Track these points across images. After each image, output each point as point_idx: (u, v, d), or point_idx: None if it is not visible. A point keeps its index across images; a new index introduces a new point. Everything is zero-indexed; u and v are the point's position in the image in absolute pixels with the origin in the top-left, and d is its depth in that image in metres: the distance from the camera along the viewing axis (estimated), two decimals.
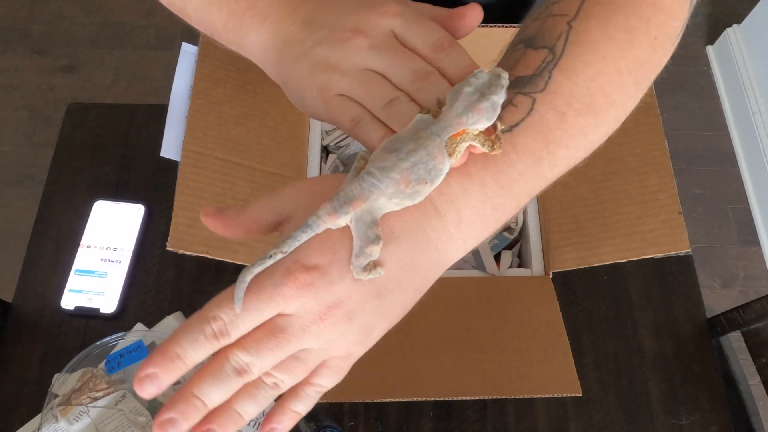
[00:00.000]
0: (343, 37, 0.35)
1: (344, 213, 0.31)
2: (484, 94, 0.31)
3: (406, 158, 0.31)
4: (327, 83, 0.35)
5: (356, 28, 0.35)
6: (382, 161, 0.31)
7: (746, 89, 1.77)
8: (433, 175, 0.31)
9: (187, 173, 0.61)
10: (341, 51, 0.34)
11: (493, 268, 0.66)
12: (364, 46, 0.34)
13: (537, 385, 0.57)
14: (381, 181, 0.31)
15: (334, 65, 0.35)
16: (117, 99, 1.78)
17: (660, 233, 0.61)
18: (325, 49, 0.35)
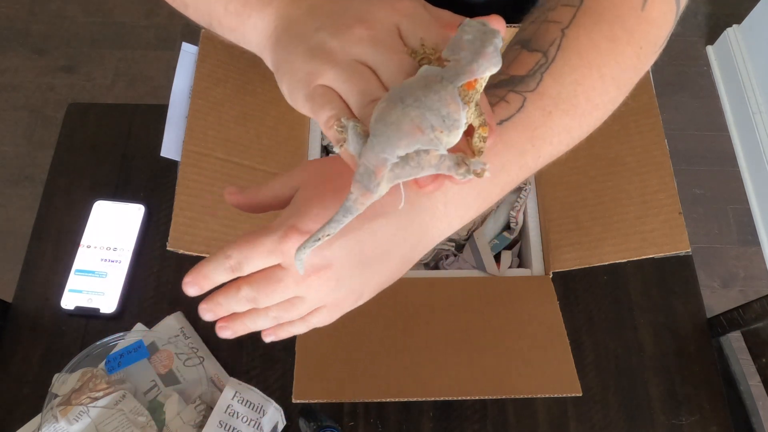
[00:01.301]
0: (346, 24, 0.34)
1: (375, 186, 0.30)
2: (484, 40, 0.30)
3: (413, 105, 0.29)
4: (315, 69, 0.34)
5: (361, 18, 0.34)
6: (388, 115, 0.29)
7: (746, 89, 1.77)
8: (449, 123, 0.29)
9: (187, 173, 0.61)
10: (339, 38, 0.33)
11: (493, 268, 0.66)
12: (364, 37, 0.33)
13: (537, 385, 0.57)
14: (390, 137, 0.29)
15: (329, 52, 0.33)
16: (117, 99, 1.78)
17: (660, 233, 0.61)
18: (324, 34, 0.34)
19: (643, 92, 0.67)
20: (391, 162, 0.29)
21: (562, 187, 0.67)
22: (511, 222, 0.70)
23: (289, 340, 0.71)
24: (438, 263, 0.70)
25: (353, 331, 0.60)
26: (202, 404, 0.65)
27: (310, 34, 0.34)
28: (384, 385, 0.56)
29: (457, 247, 0.70)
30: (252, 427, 0.64)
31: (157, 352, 0.69)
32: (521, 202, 0.69)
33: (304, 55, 0.34)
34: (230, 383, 0.66)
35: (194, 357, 0.69)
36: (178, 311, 0.72)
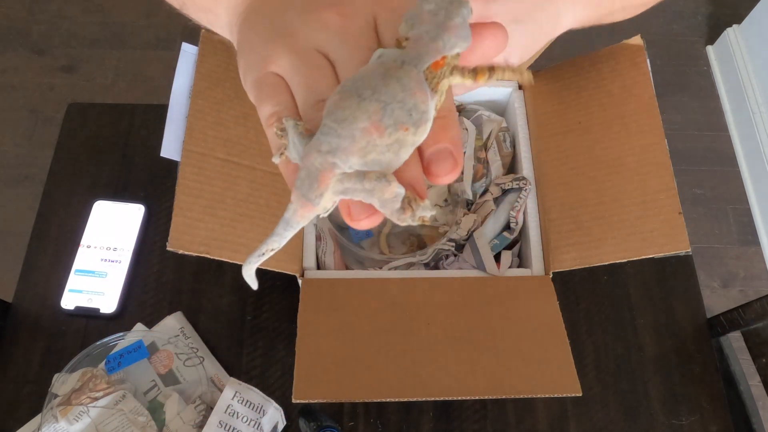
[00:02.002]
0: (317, 7, 0.29)
1: (318, 197, 0.25)
2: (449, 11, 0.25)
3: (372, 98, 0.24)
4: (271, 53, 0.30)
5: (337, 2, 0.29)
6: (341, 109, 0.24)
7: (746, 89, 1.77)
8: (416, 117, 0.24)
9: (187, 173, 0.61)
10: (305, 21, 0.29)
11: (493, 268, 0.66)
12: (333, 24, 0.29)
13: (537, 385, 0.57)
14: (342, 137, 0.24)
15: (290, 35, 0.29)
16: (117, 99, 1.78)
17: (660, 233, 0.61)
18: (292, 14, 0.30)
19: (643, 92, 0.67)
20: (341, 170, 0.24)
21: (562, 187, 0.67)
22: (511, 222, 0.70)
23: (289, 340, 0.71)
24: (438, 263, 0.70)
25: (353, 331, 0.60)
26: (202, 404, 0.65)
27: (278, 14, 0.31)
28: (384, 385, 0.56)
29: (457, 247, 0.70)
30: (252, 427, 0.64)
31: (157, 352, 0.69)
32: (521, 202, 0.69)
33: (265, 35, 0.31)
34: (230, 383, 0.66)
35: (194, 357, 0.69)
36: (178, 311, 0.72)
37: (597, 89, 0.70)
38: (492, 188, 0.72)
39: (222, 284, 0.74)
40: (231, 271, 0.75)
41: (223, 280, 0.74)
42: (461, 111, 0.80)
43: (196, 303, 0.73)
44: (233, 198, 0.62)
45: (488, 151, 0.75)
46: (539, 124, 0.72)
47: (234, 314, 0.72)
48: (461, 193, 0.73)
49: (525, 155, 0.73)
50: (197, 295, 0.73)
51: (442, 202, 0.75)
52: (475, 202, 0.73)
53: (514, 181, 0.70)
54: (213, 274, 0.75)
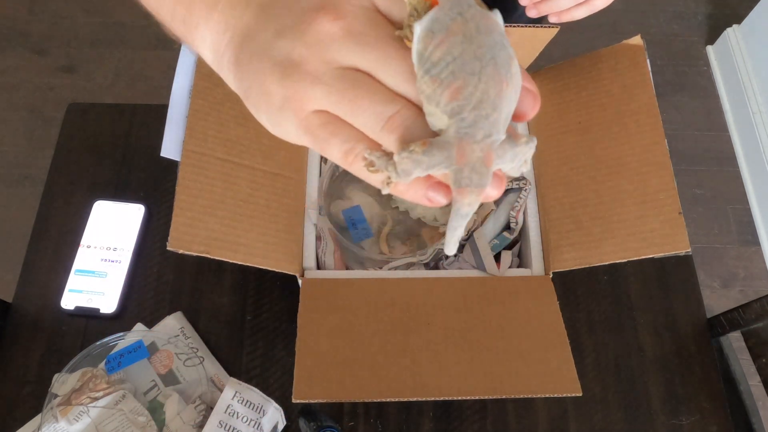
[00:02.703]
0: (306, 19, 0.25)
1: (489, 176, 0.24)
2: None
3: (484, 63, 0.23)
4: (296, 94, 0.26)
5: (322, 5, 0.25)
6: (470, 94, 0.23)
7: (746, 89, 1.77)
8: (511, 51, 0.24)
9: (187, 173, 0.61)
10: (305, 40, 0.25)
11: (493, 268, 0.66)
12: (335, 31, 0.25)
13: (537, 385, 0.57)
14: (490, 115, 0.23)
15: (300, 64, 0.25)
16: (117, 99, 1.78)
17: (660, 233, 0.61)
18: (287, 41, 0.26)
19: (643, 92, 0.67)
20: (499, 139, 0.24)
21: (562, 187, 0.67)
22: (511, 222, 0.70)
23: (289, 340, 0.71)
24: (438, 263, 0.70)
25: (353, 331, 0.60)
26: (202, 404, 0.65)
27: (271, 43, 0.26)
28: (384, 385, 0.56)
29: None
30: (252, 427, 0.64)
31: (157, 352, 0.69)
32: (521, 202, 0.69)
33: (273, 74, 0.26)
34: (230, 383, 0.66)
35: (194, 357, 0.69)
36: (178, 311, 0.72)
37: (597, 89, 0.70)
38: None
39: (222, 284, 0.74)
40: (231, 271, 0.75)
41: (223, 280, 0.74)
42: None
43: (196, 303, 0.73)
44: (233, 198, 0.62)
45: None
46: (539, 124, 0.72)
47: (234, 314, 0.72)
48: None
49: None
50: (197, 295, 0.73)
51: None
52: None
53: (514, 181, 0.70)
54: (213, 274, 0.75)
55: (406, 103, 0.25)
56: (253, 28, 0.27)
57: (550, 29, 0.64)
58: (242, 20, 0.28)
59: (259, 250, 0.61)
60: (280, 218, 0.64)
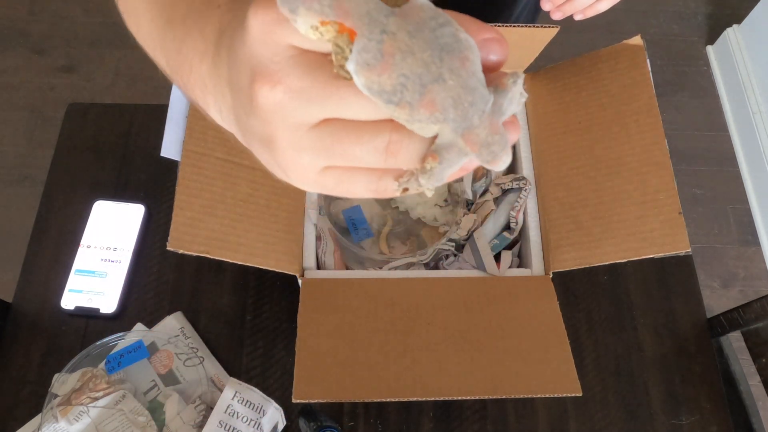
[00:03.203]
0: (247, 93, 0.24)
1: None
2: None
3: (425, 65, 0.22)
4: (292, 166, 0.25)
5: (253, 75, 0.24)
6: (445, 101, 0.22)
7: (746, 89, 1.77)
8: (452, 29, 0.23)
9: (187, 173, 0.61)
10: (263, 118, 0.24)
11: (493, 268, 0.66)
12: (279, 98, 0.23)
13: (537, 385, 0.57)
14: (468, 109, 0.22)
15: (274, 140, 0.25)
16: (117, 99, 1.78)
17: (660, 233, 0.61)
18: (252, 120, 0.25)
19: (643, 92, 0.67)
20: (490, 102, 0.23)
21: (562, 187, 0.67)
22: (511, 222, 0.70)
23: (289, 340, 0.71)
24: (438, 263, 0.70)
25: (353, 331, 0.60)
26: (202, 404, 0.65)
27: (246, 123, 0.26)
28: (384, 385, 0.56)
29: (457, 247, 0.70)
30: (252, 427, 0.64)
31: (157, 352, 0.69)
32: (521, 202, 0.69)
33: (263, 153, 0.26)
34: (230, 383, 0.66)
35: (194, 357, 0.69)
36: (178, 311, 0.72)
37: (597, 89, 0.70)
38: (492, 188, 0.72)
39: (222, 284, 0.74)
40: (231, 271, 0.75)
41: (223, 280, 0.74)
42: None
43: (196, 303, 0.73)
44: (233, 198, 0.62)
45: None
46: (539, 124, 0.72)
47: (234, 314, 0.72)
48: (461, 193, 0.73)
49: (525, 155, 0.73)
50: (197, 295, 0.73)
51: (442, 202, 0.75)
52: (475, 202, 0.73)
53: (514, 181, 0.70)
54: (213, 274, 0.75)
55: (391, 125, 0.24)
56: (233, 107, 0.27)
57: (550, 29, 0.64)
58: (225, 100, 0.28)
59: (259, 250, 0.61)
60: (280, 218, 0.64)
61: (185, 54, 0.30)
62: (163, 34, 0.33)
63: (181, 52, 0.31)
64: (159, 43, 0.34)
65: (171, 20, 0.32)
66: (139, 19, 0.36)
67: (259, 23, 0.23)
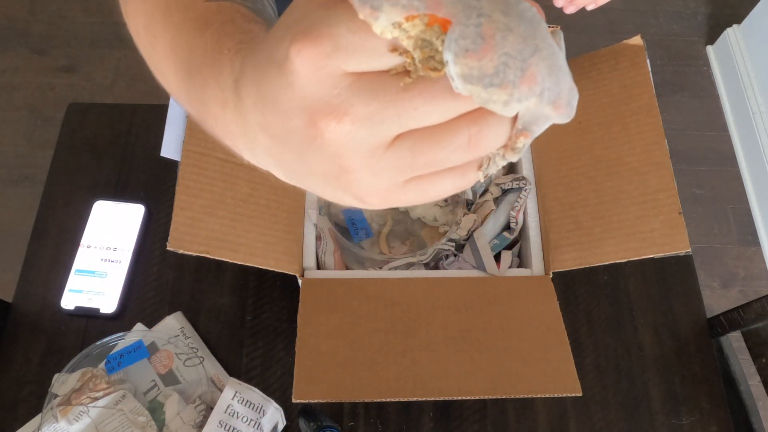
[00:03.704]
0: (314, 136, 0.23)
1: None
2: None
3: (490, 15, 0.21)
4: (369, 191, 0.24)
5: (312, 113, 0.22)
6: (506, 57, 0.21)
7: (746, 89, 1.77)
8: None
9: (187, 173, 0.61)
10: (331, 155, 0.23)
11: (493, 268, 0.66)
12: (349, 129, 0.22)
13: (537, 385, 0.57)
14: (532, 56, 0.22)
15: (344, 171, 0.23)
16: (117, 99, 1.78)
17: (660, 233, 0.61)
18: (310, 158, 0.24)
19: (643, 92, 0.67)
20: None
21: (562, 187, 0.67)
22: (511, 222, 0.70)
23: (289, 340, 0.71)
24: (438, 263, 0.70)
25: (353, 331, 0.60)
26: (202, 404, 0.65)
27: (291, 162, 0.25)
28: (384, 385, 0.56)
29: (457, 247, 0.70)
30: (252, 427, 0.64)
31: (157, 352, 0.69)
32: (521, 202, 0.69)
33: (326, 185, 0.25)
34: (230, 383, 0.66)
35: (194, 357, 0.69)
36: (178, 311, 0.72)
37: (597, 89, 0.70)
38: (492, 188, 0.72)
39: (222, 284, 0.74)
40: (231, 271, 0.75)
41: (223, 280, 0.74)
42: None
43: (196, 303, 0.73)
44: (233, 198, 0.62)
45: None
46: None
47: (234, 314, 0.72)
48: (461, 193, 0.73)
49: (525, 155, 0.73)
50: (197, 295, 0.73)
51: (441, 202, 0.75)
52: (475, 202, 0.73)
53: (514, 181, 0.70)
54: (213, 274, 0.75)
55: (466, 120, 0.23)
56: (273, 151, 0.26)
57: (550, 29, 0.64)
58: (259, 144, 0.26)
59: (259, 250, 0.61)
60: (280, 218, 0.64)
61: (207, 104, 0.30)
62: (186, 85, 0.33)
63: (203, 102, 0.30)
64: (185, 95, 0.33)
65: (190, 72, 0.32)
66: (165, 75, 0.36)
67: (306, 62, 0.21)
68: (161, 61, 0.35)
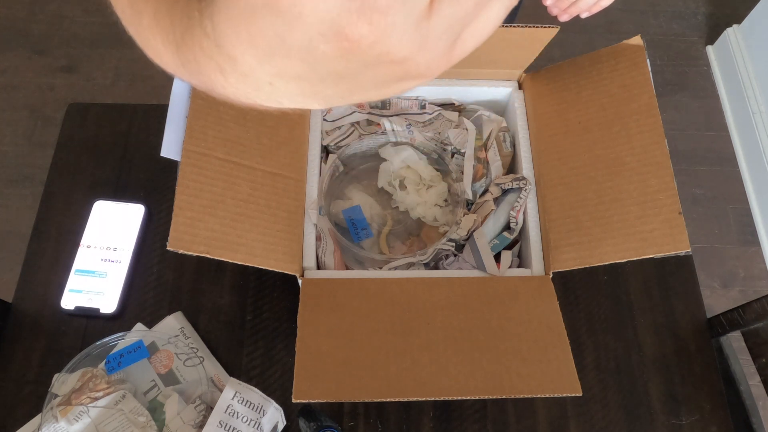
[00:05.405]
0: (337, 49, 0.21)
1: None
2: None
3: None
4: (432, 63, 0.23)
5: (331, 30, 0.20)
6: None
7: (746, 89, 1.77)
8: None
9: (187, 173, 0.61)
10: (369, 57, 0.22)
11: (493, 268, 0.66)
12: (383, 27, 0.20)
13: (537, 385, 0.57)
14: None
15: (396, 62, 0.22)
16: (117, 99, 1.78)
17: (660, 233, 0.61)
18: (350, 67, 0.22)
19: (643, 92, 0.67)
20: None
21: (562, 187, 0.67)
22: (511, 222, 0.70)
23: (289, 340, 0.71)
24: (438, 263, 0.70)
25: (353, 331, 0.60)
26: (202, 404, 0.65)
27: (318, 77, 0.24)
28: (384, 385, 0.56)
29: (457, 247, 0.70)
30: (252, 427, 0.64)
31: (157, 352, 0.69)
32: (521, 202, 0.69)
33: (373, 83, 0.23)
34: (230, 383, 0.66)
35: (194, 357, 0.69)
36: (178, 311, 0.72)
37: (597, 89, 0.70)
38: (492, 188, 0.72)
39: (222, 284, 0.74)
40: (231, 271, 0.75)
41: (223, 280, 0.74)
42: (461, 111, 0.80)
43: (196, 303, 0.73)
44: (233, 198, 0.62)
45: (488, 151, 0.75)
46: (539, 124, 0.72)
47: (234, 314, 0.72)
48: (461, 193, 0.73)
49: (525, 155, 0.73)
50: (197, 295, 0.73)
51: (442, 202, 0.75)
52: (475, 202, 0.73)
53: (514, 181, 0.70)
54: (213, 274, 0.75)
55: None
56: (304, 91, 0.24)
57: (550, 29, 0.64)
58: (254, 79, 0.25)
59: (259, 250, 0.61)
60: (280, 218, 0.64)
61: (207, 73, 0.27)
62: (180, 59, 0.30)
63: (202, 73, 0.28)
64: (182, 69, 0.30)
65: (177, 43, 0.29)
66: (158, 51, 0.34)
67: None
68: (150, 37, 0.34)
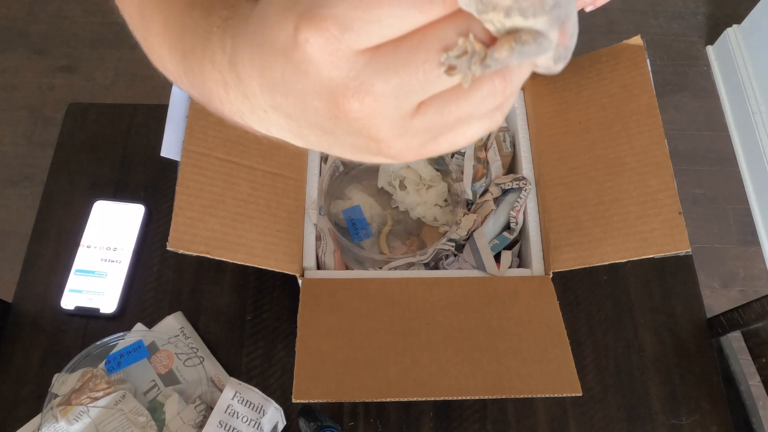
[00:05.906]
0: (330, 116, 0.23)
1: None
2: None
3: None
4: (402, 152, 0.24)
5: (331, 95, 0.22)
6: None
7: (746, 89, 1.77)
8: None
9: (187, 173, 0.61)
10: (355, 128, 0.23)
11: (493, 268, 0.66)
12: (372, 105, 0.22)
13: (537, 385, 0.57)
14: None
15: (374, 140, 0.24)
16: (117, 99, 1.78)
17: (660, 233, 0.61)
18: (336, 133, 0.24)
19: (643, 92, 0.67)
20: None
21: (562, 187, 0.67)
22: (511, 222, 0.70)
23: (289, 340, 0.71)
24: (438, 263, 0.70)
25: (353, 331, 0.60)
26: (202, 404, 0.65)
27: (315, 137, 0.25)
28: (384, 385, 0.56)
29: (457, 247, 0.70)
30: (252, 427, 0.64)
31: (157, 352, 0.69)
32: (521, 202, 0.69)
33: (357, 153, 0.25)
34: (230, 383, 0.66)
35: (194, 357, 0.69)
36: (178, 311, 0.72)
37: (597, 89, 0.70)
38: (492, 188, 0.72)
39: (222, 284, 0.74)
40: (231, 271, 0.75)
41: (223, 280, 0.74)
42: None
43: (196, 303, 0.73)
44: (233, 198, 0.62)
45: (488, 151, 0.75)
46: (539, 124, 0.72)
47: (234, 314, 0.72)
48: (461, 193, 0.73)
49: (525, 155, 0.73)
50: (197, 295, 0.73)
51: (442, 202, 0.75)
52: (475, 202, 0.73)
53: (514, 181, 0.70)
54: (213, 274, 0.75)
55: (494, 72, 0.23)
56: (292, 129, 0.25)
57: None
58: (271, 121, 0.26)
59: (259, 250, 0.61)
60: (280, 218, 0.64)
61: (209, 86, 0.29)
62: (184, 68, 0.32)
63: (204, 84, 0.29)
64: (185, 78, 0.32)
65: (185, 53, 0.31)
66: (162, 58, 0.34)
67: (317, 49, 0.21)
68: (156, 44, 0.34)
